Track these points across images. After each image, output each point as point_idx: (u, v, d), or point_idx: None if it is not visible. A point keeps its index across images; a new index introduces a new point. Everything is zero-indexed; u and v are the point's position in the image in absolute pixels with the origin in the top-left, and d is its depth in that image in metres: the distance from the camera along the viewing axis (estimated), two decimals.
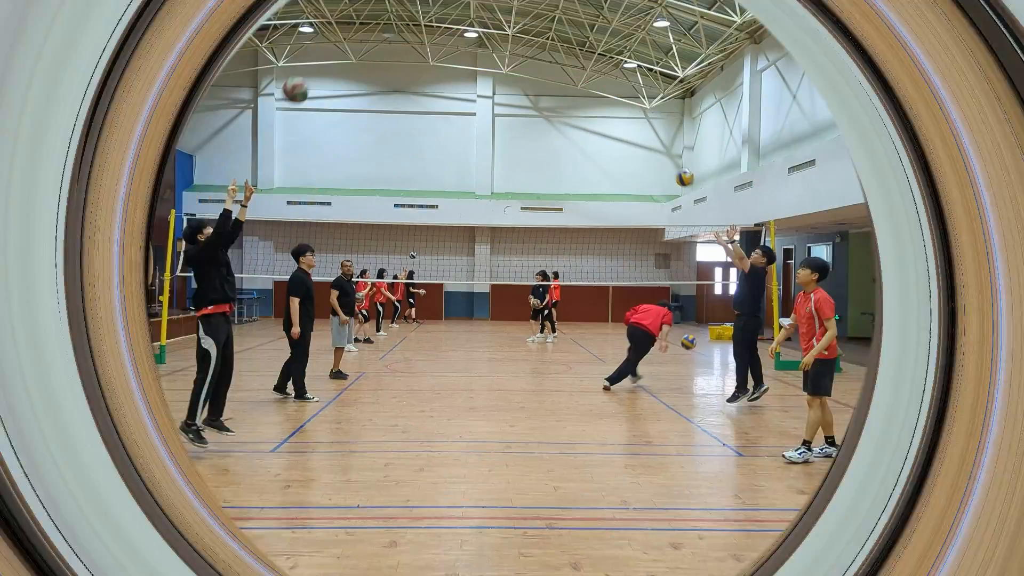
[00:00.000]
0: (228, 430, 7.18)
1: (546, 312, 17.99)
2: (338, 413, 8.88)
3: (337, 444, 7.36)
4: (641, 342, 10.81)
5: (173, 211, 13.35)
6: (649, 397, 10.33)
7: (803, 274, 7.18)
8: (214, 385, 6.94)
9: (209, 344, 6.90)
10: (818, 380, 6.91)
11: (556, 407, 9.47)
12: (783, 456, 6.84)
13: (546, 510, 5.27)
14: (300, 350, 9.58)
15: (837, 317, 19.24)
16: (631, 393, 10.65)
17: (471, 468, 6.41)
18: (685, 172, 14.40)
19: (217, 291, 6.99)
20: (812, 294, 7.04)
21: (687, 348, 12.37)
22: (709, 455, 7.18)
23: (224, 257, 7.16)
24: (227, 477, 6.04)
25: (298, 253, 9.76)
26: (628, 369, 10.88)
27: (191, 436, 6.72)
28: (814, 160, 14.99)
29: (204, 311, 6.94)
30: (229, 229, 7.04)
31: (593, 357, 15.40)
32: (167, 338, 13.91)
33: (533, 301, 17.99)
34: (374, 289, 19.39)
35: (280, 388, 9.68)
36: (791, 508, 5.41)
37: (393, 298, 21.10)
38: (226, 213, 7.02)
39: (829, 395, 6.96)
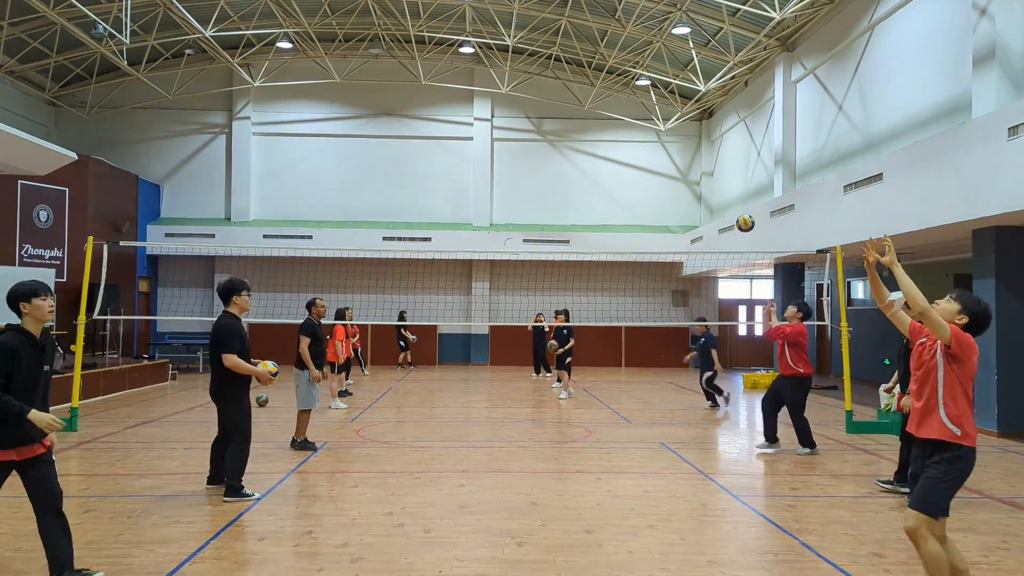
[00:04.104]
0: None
1: (568, 360, 15.06)
2: (267, 518, 6.09)
3: None
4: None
5: (91, 238, 10.62)
6: (703, 480, 7.52)
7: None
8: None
9: None
10: (932, 487, 4.09)
11: (581, 503, 6.67)
12: None
13: None
14: (244, 429, 6.78)
15: (887, 361, 16.21)
16: (677, 474, 7.85)
17: None
18: (745, 217, 11.65)
19: None
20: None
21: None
22: None
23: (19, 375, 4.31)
24: None
25: (231, 292, 6.89)
26: None
27: None
28: (880, 174, 12.37)
29: None
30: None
31: (615, 416, 12.58)
32: (81, 398, 11.12)
33: (551, 343, 15.22)
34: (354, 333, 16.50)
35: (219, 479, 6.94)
36: None
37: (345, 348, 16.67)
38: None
39: (946, 514, 4.14)
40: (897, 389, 7.63)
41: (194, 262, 23.45)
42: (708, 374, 13.25)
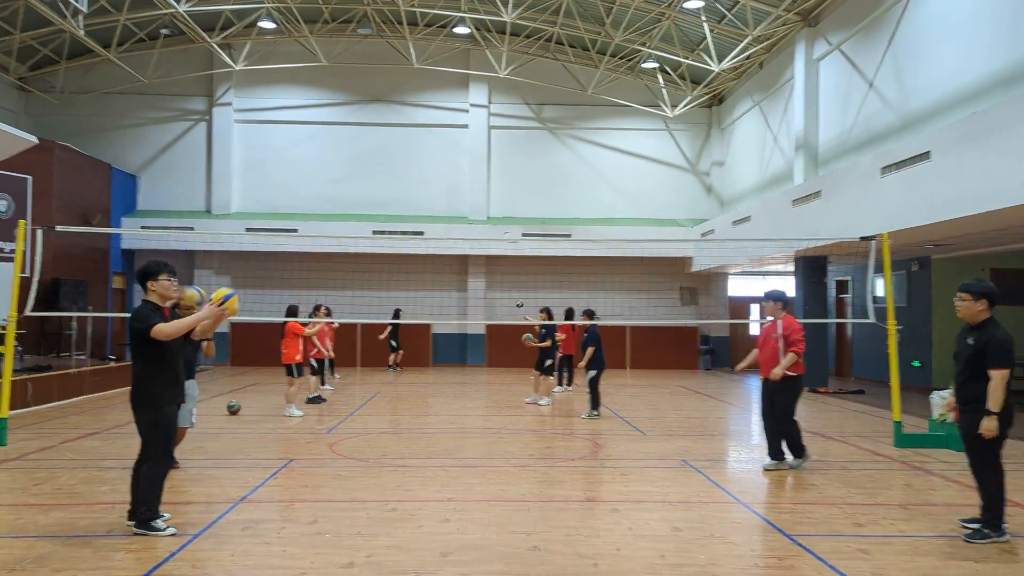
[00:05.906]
0: None
1: (547, 363, 13.48)
2: (189, 572, 4.65)
3: None
4: None
5: (22, 223, 9.23)
6: (743, 512, 6.10)
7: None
8: None
9: None
10: None
11: (597, 547, 5.24)
12: None
13: None
14: (160, 444, 5.51)
15: (917, 363, 14.56)
16: (710, 504, 6.41)
17: None
18: None
19: None
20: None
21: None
22: None
23: None
24: None
25: (145, 276, 5.69)
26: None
27: None
28: (927, 153, 10.95)
29: None
30: None
31: (626, 425, 11.16)
32: (27, 405, 9.68)
33: (525, 336, 13.72)
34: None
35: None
36: None
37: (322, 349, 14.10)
38: None
39: None
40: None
41: (173, 257, 21.91)
42: (592, 373, 11.74)
